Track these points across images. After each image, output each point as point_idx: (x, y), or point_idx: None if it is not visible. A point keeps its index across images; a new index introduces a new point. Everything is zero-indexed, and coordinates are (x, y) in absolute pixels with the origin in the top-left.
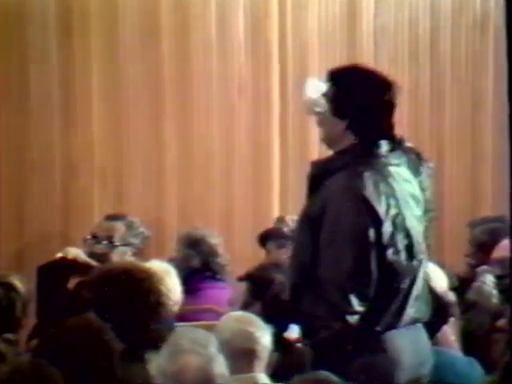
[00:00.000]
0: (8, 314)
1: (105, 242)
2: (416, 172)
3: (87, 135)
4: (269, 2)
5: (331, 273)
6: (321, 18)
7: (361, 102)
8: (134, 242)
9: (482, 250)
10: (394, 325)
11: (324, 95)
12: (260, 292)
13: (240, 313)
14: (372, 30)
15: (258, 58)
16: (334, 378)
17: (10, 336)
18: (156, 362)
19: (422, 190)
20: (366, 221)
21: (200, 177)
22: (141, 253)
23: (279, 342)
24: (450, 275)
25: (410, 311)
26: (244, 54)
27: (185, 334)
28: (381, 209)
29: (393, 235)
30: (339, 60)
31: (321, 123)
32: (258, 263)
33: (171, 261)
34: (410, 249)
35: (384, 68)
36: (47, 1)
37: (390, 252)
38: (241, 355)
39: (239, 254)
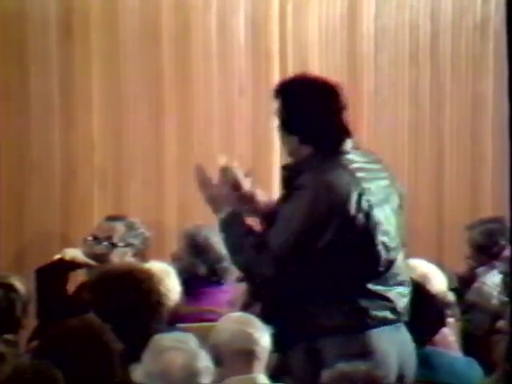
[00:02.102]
0: (8, 314)
1: (105, 243)
2: (385, 169)
3: (87, 135)
4: (269, 4)
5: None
6: (321, 20)
7: (307, 116)
8: (134, 243)
9: (481, 251)
10: (378, 322)
11: (275, 113)
12: (260, 293)
13: (239, 314)
14: (372, 32)
15: (259, 59)
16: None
17: (9, 337)
18: (140, 367)
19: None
20: (337, 216)
21: None
22: (141, 253)
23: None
24: (450, 276)
25: (392, 308)
26: (244, 55)
27: (163, 335)
28: (352, 205)
29: (365, 229)
30: (339, 62)
31: (280, 139)
32: None
33: (174, 260)
34: (385, 244)
35: (384, 70)
36: (47, 1)
37: (364, 246)
38: (240, 356)
39: None
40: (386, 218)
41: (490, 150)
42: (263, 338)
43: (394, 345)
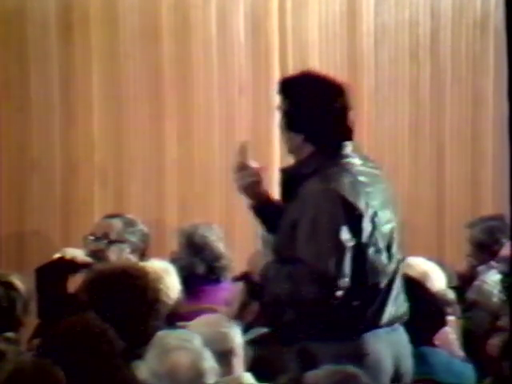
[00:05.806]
0: (8, 313)
1: (102, 240)
2: (383, 175)
3: (87, 134)
4: (269, 1)
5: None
6: (321, 18)
7: (313, 115)
8: (131, 239)
9: (482, 249)
10: (373, 326)
11: (278, 109)
12: (257, 292)
13: (207, 316)
14: (372, 30)
15: (259, 57)
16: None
17: (10, 335)
18: (145, 366)
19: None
20: (345, 220)
21: (200, 176)
22: (141, 251)
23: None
24: (450, 274)
25: (390, 312)
26: (244, 54)
27: (168, 333)
28: (360, 208)
29: (372, 234)
30: (339, 59)
31: (281, 136)
32: None
33: (173, 260)
34: (388, 248)
35: (384, 67)
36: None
37: (370, 251)
38: (220, 357)
39: (240, 253)
40: (386, 223)
41: (490, 148)
42: (237, 334)
43: (389, 346)
